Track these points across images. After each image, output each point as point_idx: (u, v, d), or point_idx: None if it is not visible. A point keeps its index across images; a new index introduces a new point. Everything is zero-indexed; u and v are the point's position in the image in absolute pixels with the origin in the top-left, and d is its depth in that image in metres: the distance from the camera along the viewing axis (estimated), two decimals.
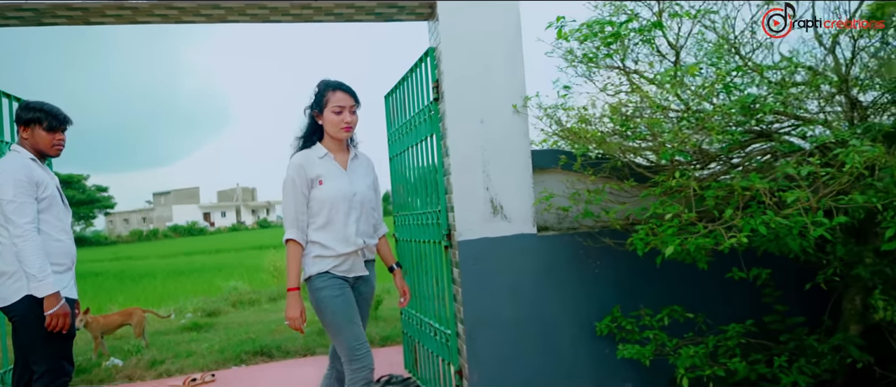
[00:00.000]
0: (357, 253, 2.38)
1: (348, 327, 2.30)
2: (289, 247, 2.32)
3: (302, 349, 5.23)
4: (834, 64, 2.91)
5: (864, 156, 1.97)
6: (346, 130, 2.37)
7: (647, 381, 3.06)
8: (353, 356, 2.30)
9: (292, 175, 2.34)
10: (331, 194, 2.33)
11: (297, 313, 2.27)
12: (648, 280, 3.01)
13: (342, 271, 2.35)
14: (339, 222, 2.35)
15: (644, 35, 2.66)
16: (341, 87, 2.38)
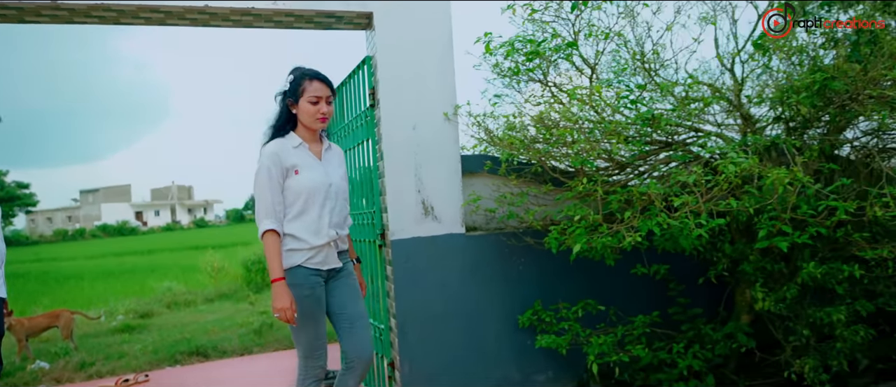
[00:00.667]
0: (330, 245, 2.34)
1: (311, 326, 2.29)
2: (268, 238, 2.23)
3: (239, 349, 5.26)
4: (733, 82, 3.27)
5: (740, 167, 2.27)
6: (322, 120, 2.32)
7: (563, 368, 3.32)
8: (310, 353, 2.32)
9: (267, 164, 2.26)
10: (307, 185, 2.28)
11: (287, 303, 2.17)
12: (566, 276, 3.28)
13: (315, 264, 2.30)
14: (313, 213, 2.30)
15: (562, 53, 2.92)
16: (318, 77, 2.33)
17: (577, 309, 3.07)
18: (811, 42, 2.93)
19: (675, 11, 3.02)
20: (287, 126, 2.36)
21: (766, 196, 2.38)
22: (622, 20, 3.00)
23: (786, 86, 2.78)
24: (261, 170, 2.26)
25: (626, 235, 2.37)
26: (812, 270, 2.50)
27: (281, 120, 2.36)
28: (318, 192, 2.30)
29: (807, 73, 2.69)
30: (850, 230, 2.53)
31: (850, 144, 2.95)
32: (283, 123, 2.36)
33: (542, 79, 3.14)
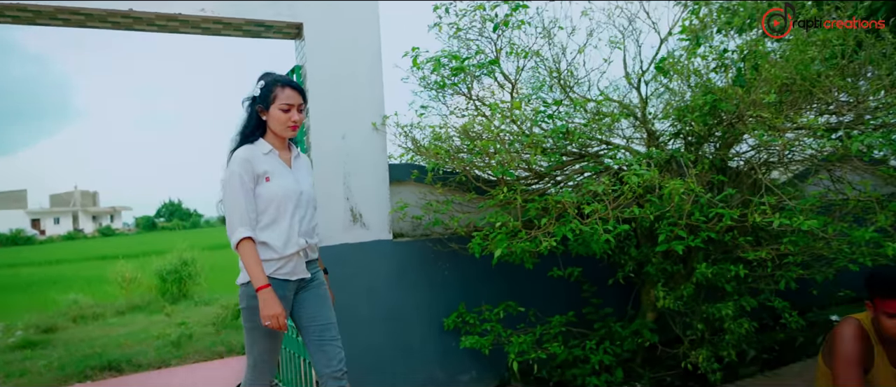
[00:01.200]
0: (299, 254, 2.30)
1: (268, 339, 2.27)
2: (245, 246, 2.16)
3: (156, 362, 5.08)
4: (639, 100, 3.57)
5: (643, 178, 2.53)
6: (292, 128, 2.29)
7: (486, 368, 3.49)
8: (256, 368, 2.31)
9: (238, 171, 2.19)
10: (278, 192, 2.24)
11: (278, 309, 2.12)
12: (488, 280, 3.45)
13: (284, 274, 2.27)
14: (284, 222, 2.25)
15: (485, 69, 3.10)
16: (291, 84, 2.30)
17: (498, 311, 3.25)
18: (704, 66, 3.27)
19: (587, 34, 3.28)
20: (256, 133, 2.31)
21: (665, 204, 2.65)
22: (541, 40, 3.23)
23: (683, 105, 3.10)
24: (232, 177, 2.18)
25: (543, 240, 2.57)
26: (704, 270, 2.79)
27: (250, 126, 2.30)
28: (289, 199, 2.26)
29: (700, 94, 3.01)
30: (736, 235, 2.85)
31: (737, 158, 3.31)
32: (252, 129, 2.30)
33: (467, 92, 3.31)
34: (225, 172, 2.24)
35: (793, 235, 2.64)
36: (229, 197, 2.19)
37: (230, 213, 2.19)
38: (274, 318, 2.12)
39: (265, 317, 2.12)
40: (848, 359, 2.26)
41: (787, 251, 2.71)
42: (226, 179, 2.22)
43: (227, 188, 2.20)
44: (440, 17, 3.14)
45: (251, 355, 2.30)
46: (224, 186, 2.23)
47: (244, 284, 2.25)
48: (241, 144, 2.27)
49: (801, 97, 2.87)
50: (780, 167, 3.44)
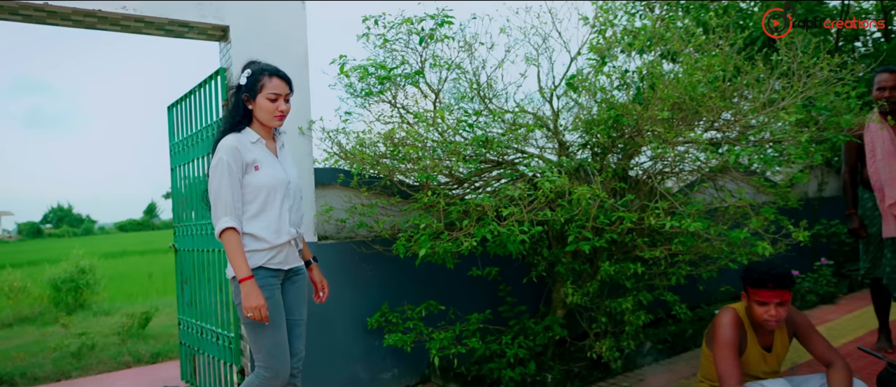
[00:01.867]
0: (290, 244, 2.29)
1: (272, 331, 2.21)
2: (228, 236, 2.12)
3: (55, 374, 4.80)
4: (551, 113, 3.85)
5: (554, 184, 2.77)
6: (279, 118, 2.27)
7: (408, 366, 3.62)
8: (269, 363, 2.23)
9: (227, 159, 2.14)
10: (267, 182, 2.21)
11: (261, 301, 2.10)
12: (411, 281, 3.59)
13: (277, 264, 2.25)
14: (274, 211, 2.22)
15: (410, 79, 3.26)
16: (278, 74, 2.27)
17: (420, 309, 3.39)
18: (609, 84, 3.59)
19: (506, 50, 3.51)
20: (243, 122, 2.27)
21: (574, 208, 2.91)
22: (462, 54, 3.42)
23: (590, 119, 3.39)
24: (219, 164, 2.14)
25: (464, 240, 2.75)
26: (608, 268, 3.08)
27: (237, 115, 2.26)
28: (278, 189, 2.24)
29: (605, 109, 3.31)
30: (635, 236, 3.17)
31: (636, 168, 3.66)
32: (239, 118, 2.26)
33: (392, 100, 3.44)
34: (213, 159, 2.19)
35: (682, 237, 2.98)
36: (215, 185, 2.15)
37: (215, 201, 2.15)
38: (256, 309, 2.09)
39: (247, 309, 2.10)
40: (725, 343, 2.60)
41: (678, 251, 3.05)
42: (213, 166, 2.17)
43: (214, 176, 2.15)
44: (369, 28, 3.26)
45: (262, 350, 2.22)
46: (211, 174, 2.17)
47: (233, 278, 2.19)
48: (227, 133, 2.23)
49: (691, 115, 3.24)
50: (673, 177, 3.84)
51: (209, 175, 2.21)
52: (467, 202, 2.92)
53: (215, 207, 2.17)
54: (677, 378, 3.53)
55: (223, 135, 2.25)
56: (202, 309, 3.68)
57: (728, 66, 3.25)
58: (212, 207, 2.19)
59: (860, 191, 3.83)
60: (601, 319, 3.35)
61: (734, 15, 3.89)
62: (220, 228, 2.14)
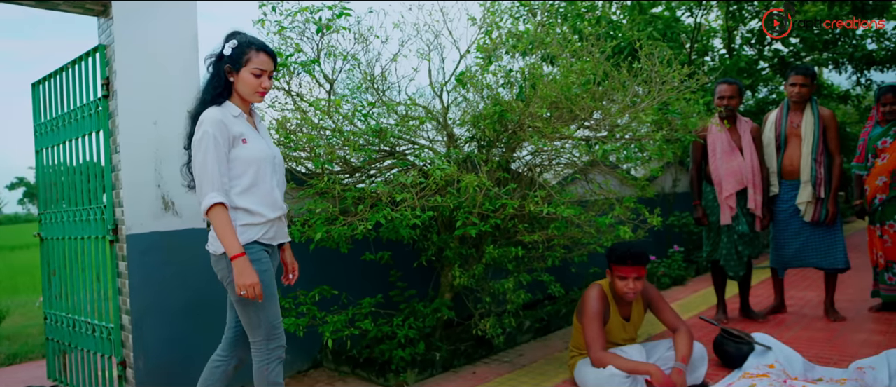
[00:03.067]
0: (281, 219, 2.24)
1: (272, 304, 2.17)
2: (217, 212, 2.02)
3: None
4: (441, 107, 4.06)
5: (444, 172, 2.96)
6: (261, 95, 2.19)
7: (299, 351, 3.66)
8: (271, 334, 2.19)
9: (212, 132, 2.04)
10: (256, 155, 2.14)
11: (255, 278, 2.03)
12: (304, 266, 3.60)
13: (269, 238, 2.20)
14: (265, 185, 2.15)
15: (305, 67, 3.30)
16: (266, 49, 2.18)
17: (313, 294, 3.45)
18: (495, 82, 3.86)
19: (399, 44, 3.66)
20: (223, 95, 2.18)
21: (462, 195, 3.13)
22: (357, 45, 3.52)
23: (477, 114, 3.64)
24: (205, 137, 2.04)
25: (358, 224, 2.86)
26: (492, 252, 3.34)
27: (218, 87, 2.16)
28: (267, 162, 2.18)
29: (490, 105, 3.57)
30: (516, 222, 3.46)
31: (518, 161, 3.96)
32: (220, 91, 2.16)
33: (286, 88, 3.46)
34: (196, 133, 2.09)
35: (558, 223, 3.30)
36: (200, 159, 2.06)
37: (201, 176, 2.06)
38: (250, 287, 2.03)
39: (240, 286, 2.03)
40: (591, 314, 2.94)
41: (554, 235, 3.38)
42: (198, 139, 2.07)
43: (199, 150, 2.06)
44: (265, 14, 3.25)
45: (261, 329, 2.17)
46: (196, 148, 2.07)
47: (224, 254, 2.10)
48: (208, 105, 2.14)
49: (566, 114, 3.59)
50: (551, 171, 4.20)
51: (193, 148, 2.10)
52: (362, 189, 3.03)
53: (201, 182, 2.07)
54: (552, 352, 3.89)
55: (203, 107, 2.15)
56: (75, 301, 3.47)
57: (598, 71, 3.63)
58: (197, 183, 2.10)
59: (704, 185, 4.42)
60: (485, 299, 3.60)
61: (605, 25, 4.34)
62: (207, 204, 2.04)
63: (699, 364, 3.03)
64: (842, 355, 3.42)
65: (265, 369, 2.21)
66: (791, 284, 5.49)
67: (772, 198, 4.36)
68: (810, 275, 5.88)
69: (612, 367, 2.79)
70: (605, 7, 7.99)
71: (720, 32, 8.85)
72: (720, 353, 3.35)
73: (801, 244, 4.30)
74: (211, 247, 2.20)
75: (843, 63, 8.71)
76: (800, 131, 4.28)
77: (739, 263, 4.22)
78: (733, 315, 4.43)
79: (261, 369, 2.22)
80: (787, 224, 4.33)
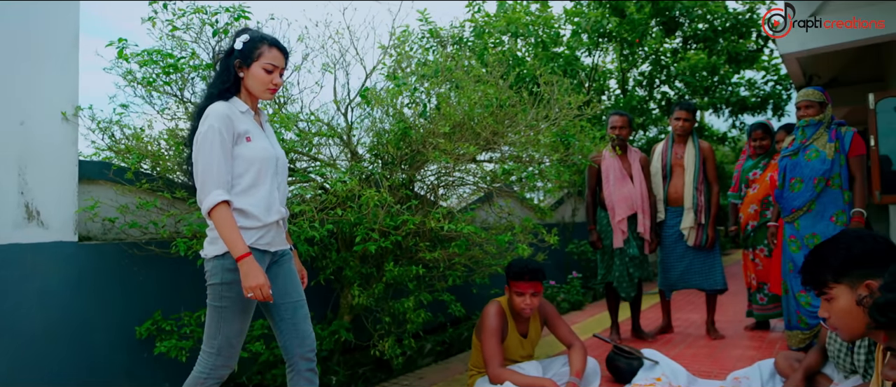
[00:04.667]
0: (278, 224, 2.14)
1: (237, 319, 2.07)
2: (221, 211, 1.93)
3: None
4: (345, 124, 3.99)
5: (346, 186, 2.89)
6: (271, 91, 2.12)
7: (182, 378, 3.35)
8: (224, 351, 2.09)
9: (218, 126, 1.95)
10: (259, 154, 2.05)
11: (262, 279, 1.92)
12: (191, 285, 3.37)
13: (264, 244, 2.08)
14: (264, 187, 2.06)
15: (199, 73, 3.14)
16: (278, 45, 2.11)
17: (199, 315, 3.21)
18: (400, 101, 3.86)
19: (303, 56, 3.58)
20: (231, 90, 2.10)
21: (363, 210, 3.06)
22: None
23: (381, 130, 3.61)
24: (210, 132, 1.95)
25: None
26: (393, 270, 3.27)
27: (227, 82, 2.08)
28: (270, 163, 2.09)
29: (395, 123, 3.55)
30: (418, 240, 3.43)
31: (421, 181, 3.96)
32: (228, 85, 2.09)
33: (178, 95, 3.27)
34: (201, 127, 2.00)
35: (459, 241, 3.31)
36: (205, 155, 1.96)
37: (205, 173, 1.96)
38: (258, 288, 1.92)
39: (248, 288, 1.93)
40: (490, 330, 2.94)
41: (455, 254, 3.38)
42: (202, 134, 1.98)
43: (204, 145, 1.96)
44: (156, 11, 3.07)
45: (215, 339, 2.08)
46: (200, 143, 1.98)
47: (217, 257, 2.01)
48: (214, 100, 2.06)
49: (469, 134, 3.64)
50: (454, 196, 4.23)
51: (196, 143, 2.01)
52: None
53: (205, 179, 1.96)
54: (452, 374, 3.84)
55: (209, 101, 2.07)
56: None
57: (501, 96, 3.73)
58: (199, 181, 1.99)
59: (599, 210, 4.62)
60: (385, 319, 3.52)
61: (510, 59, 4.50)
62: (211, 203, 1.94)
63: (592, 379, 3.11)
64: (721, 368, 3.63)
65: (202, 382, 2.12)
66: (677, 307, 5.83)
67: (659, 223, 4.63)
68: (694, 300, 6.28)
69: (510, 383, 2.79)
70: (512, 43, 8.33)
71: (615, 74, 9.47)
72: (612, 368, 3.46)
73: (685, 267, 4.58)
74: (207, 250, 2.08)
75: (720, 107, 9.59)
76: (683, 162, 4.61)
77: (631, 284, 4.43)
78: (625, 335, 4.62)
79: (197, 379, 2.12)
80: (673, 248, 4.61)
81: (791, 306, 3.96)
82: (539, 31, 8.20)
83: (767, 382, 2.99)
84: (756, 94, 9.55)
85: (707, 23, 8.65)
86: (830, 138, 3.87)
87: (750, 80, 9.59)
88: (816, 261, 1.82)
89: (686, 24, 8.77)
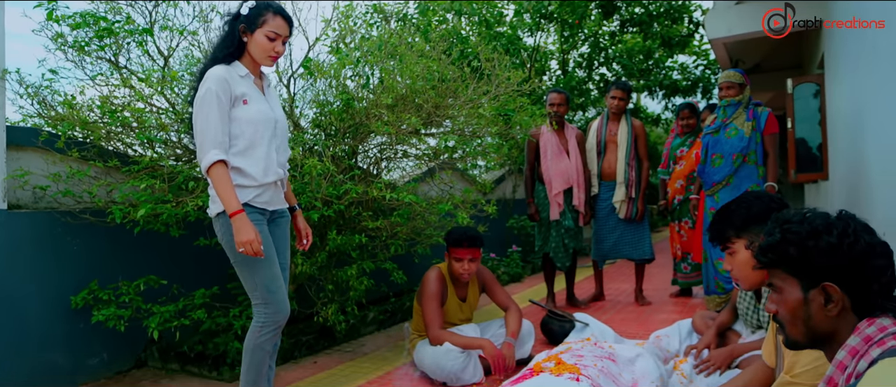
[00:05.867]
0: (276, 184, 2.23)
1: (266, 265, 2.13)
2: (218, 169, 2.02)
3: None
4: (288, 96, 3.98)
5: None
6: (273, 59, 2.18)
7: (120, 349, 3.35)
8: (268, 298, 2.15)
9: (215, 89, 2.03)
10: (255, 117, 2.13)
11: (252, 235, 2.00)
12: (128, 255, 3.34)
13: (262, 203, 2.18)
14: (261, 148, 2.14)
15: (136, 38, 3.07)
16: (283, 14, 2.17)
17: (138, 284, 3.18)
18: (343, 74, 3.88)
19: None
20: (234, 54, 2.18)
21: (305, 179, 3.10)
22: (197, 23, 3.35)
23: (324, 102, 3.63)
24: (208, 94, 2.04)
25: (189, 202, 2.71)
26: (336, 239, 3.33)
27: (229, 46, 2.16)
28: (267, 126, 2.17)
29: (338, 94, 3.58)
30: (360, 209, 3.49)
31: (364, 152, 4.02)
32: (231, 50, 2.16)
33: (113, 60, 3.18)
34: (200, 89, 2.09)
35: (401, 210, 3.40)
36: (202, 116, 2.06)
37: (203, 133, 2.06)
38: (248, 244, 2.01)
39: (239, 243, 2.01)
40: (430, 295, 3.06)
41: (397, 223, 3.47)
42: (201, 96, 2.08)
43: (202, 107, 2.06)
44: None
45: (256, 290, 2.16)
46: (198, 105, 2.07)
47: (219, 215, 2.12)
48: (216, 63, 2.14)
49: (412, 106, 3.71)
50: (397, 169, 4.30)
51: (195, 105, 2.10)
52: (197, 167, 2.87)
53: (202, 139, 2.06)
54: (394, 341, 3.96)
55: (211, 64, 2.15)
56: None
57: (444, 71, 3.82)
58: (198, 140, 2.09)
59: (537, 185, 4.81)
60: (328, 287, 3.58)
61: (454, 37, 4.58)
62: (209, 162, 2.04)
63: (527, 339, 3.29)
64: (647, 331, 3.89)
65: (258, 331, 2.19)
66: (609, 278, 6.14)
67: (593, 197, 4.87)
68: (625, 271, 6.62)
69: (449, 343, 2.92)
70: (456, 21, 8.40)
71: (556, 55, 9.71)
72: (546, 331, 3.65)
73: (617, 239, 4.84)
74: (210, 208, 2.19)
75: (655, 90, 10.01)
76: (617, 139, 4.85)
77: (566, 254, 4.65)
78: (561, 303, 4.85)
79: (254, 330, 2.20)
80: (606, 221, 4.86)
81: (710, 273, 4.28)
82: (483, 10, 8.30)
83: (685, 339, 3.24)
84: (687, 77, 10.02)
85: (643, 7, 8.98)
86: (748, 117, 4.18)
87: (682, 64, 10.04)
88: (721, 219, 2.02)
89: (624, 8, 9.07)
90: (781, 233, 1.25)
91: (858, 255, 1.17)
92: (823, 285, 1.19)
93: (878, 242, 1.20)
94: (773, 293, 1.32)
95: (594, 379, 2.18)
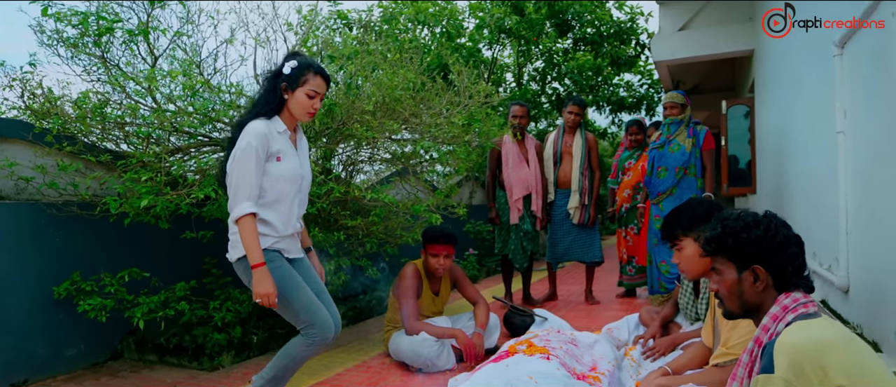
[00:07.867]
0: (293, 236, 2.37)
1: (298, 292, 2.23)
2: (247, 222, 2.13)
3: None
4: None
5: None
6: (310, 115, 2.30)
7: (98, 339, 3.42)
8: (312, 320, 2.24)
9: (255, 145, 2.15)
10: (285, 174, 2.25)
11: (271, 289, 2.12)
12: (111, 247, 3.42)
13: (280, 248, 2.30)
14: (285, 204, 2.27)
15: (130, 37, 3.18)
16: (322, 73, 2.29)
17: (122, 276, 3.27)
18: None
19: (230, 30, 3.69)
20: (274, 110, 2.29)
21: None
22: (188, 26, 3.48)
23: None
24: (247, 148, 2.16)
25: (185, 197, 2.85)
26: (317, 235, 3.53)
27: (272, 103, 2.28)
28: (294, 183, 2.31)
29: None
30: (339, 209, 3.70)
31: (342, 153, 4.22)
32: (273, 105, 2.28)
33: (104, 56, 3.27)
34: (240, 141, 2.19)
35: (378, 209, 3.62)
36: (240, 168, 2.17)
37: (239, 184, 2.17)
38: (266, 297, 2.13)
39: (257, 294, 2.13)
40: (406, 289, 3.31)
41: (373, 222, 3.69)
42: (241, 149, 2.18)
43: (242, 159, 2.17)
44: None
45: (299, 315, 2.25)
46: (238, 157, 2.17)
47: (241, 259, 2.22)
48: (257, 118, 2.25)
49: (390, 112, 3.95)
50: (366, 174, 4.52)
51: (235, 156, 2.20)
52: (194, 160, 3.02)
53: (237, 190, 2.17)
54: (367, 334, 4.16)
55: (252, 118, 2.26)
56: None
57: (417, 81, 4.08)
58: (232, 190, 2.19)
59: (498, 190, 5.13)
60: None
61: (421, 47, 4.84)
62: (240, 213, 2.15)
63: (494, 331, 3.57)
64: (598, 325, 4.25)
65: (306, 346, 2.28)
66: (562, 281, 6.53)
67: (549, 203, 5.23)
68: (575, 274, 7.04)
69: (424, 333, 3.16)
70: (417, 31, 8.68)
71: (512, 68, 10.14)
72: (509, 326, 3.95)
73: (570, 243, 5.22)
74: (231, 254, 2.28)
75: (603, 105, 10.60)
76: (572, 150, 5.23)
77: (524, 256, 4.98)
78: (518, 302, 5.17)
79: (302, 344, 2.29)
80: (560, 225, 5.22)
81: (653, 274, 4.70)
82: (444, 22, 8.61)
83: (634, 330, 3.61)
84: (633, 95, 10.66)
85: (595, 28, 9.54)
86: (689, 134, 4.64)
87: (628, 82, 10.67)
88: (671, 221, 2.38)
89: (577, 27, 9.60)
90: (722, 227, 1.59)
91: (779, 244, 1.51)
92: (753, 267, 1.53)
93: (793, 234, 1.54)
94: (714, 275, 1.65)
95: (562, 358, 2.49)
